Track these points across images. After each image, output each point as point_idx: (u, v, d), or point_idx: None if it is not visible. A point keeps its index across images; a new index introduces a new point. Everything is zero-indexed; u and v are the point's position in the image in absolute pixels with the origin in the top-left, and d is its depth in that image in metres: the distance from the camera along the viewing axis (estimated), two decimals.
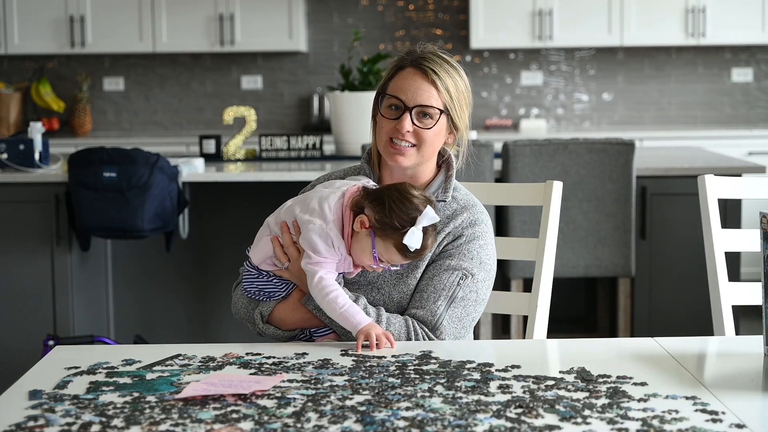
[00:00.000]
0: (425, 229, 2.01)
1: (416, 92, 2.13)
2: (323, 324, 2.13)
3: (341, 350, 1.96)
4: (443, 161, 2.24)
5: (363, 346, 1.97)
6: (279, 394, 1.66)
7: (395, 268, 2.10)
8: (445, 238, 2.17)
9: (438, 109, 2.13)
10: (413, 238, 1.99)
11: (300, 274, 2.10)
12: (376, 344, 1.96)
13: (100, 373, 1.80)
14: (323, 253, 2.03)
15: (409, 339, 2.09)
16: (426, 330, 2.11)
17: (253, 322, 2.19)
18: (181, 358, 1.90)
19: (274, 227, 2.14)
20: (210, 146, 4.82)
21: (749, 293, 2.42)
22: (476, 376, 1.77)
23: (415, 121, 2.13)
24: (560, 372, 1.79)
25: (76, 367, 1.83)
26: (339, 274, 2.10)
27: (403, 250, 2.01)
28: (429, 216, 2.00)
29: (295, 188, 2.25)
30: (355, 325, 2.00)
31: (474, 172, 4.11)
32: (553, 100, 7.11)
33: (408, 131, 2.12)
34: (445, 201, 2.19)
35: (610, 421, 1.52)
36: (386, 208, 2.01)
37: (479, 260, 2.16)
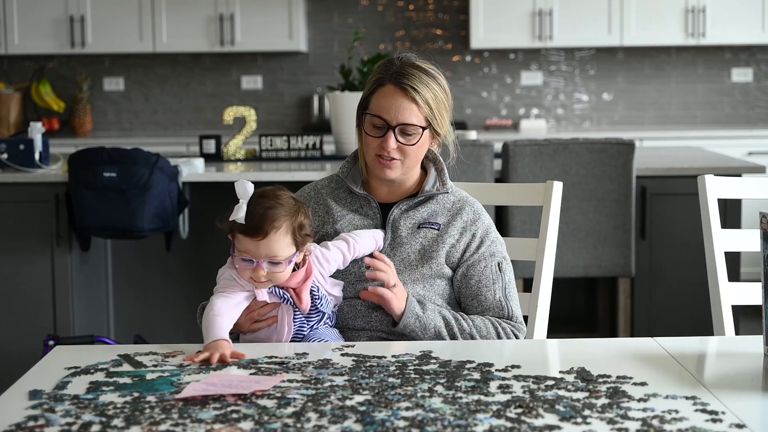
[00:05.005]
0: (252, 203, 2.05)
1: (398, 111, 2.18)
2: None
3: (341, 351, 1.96)
4: (429, 160, 2.31)
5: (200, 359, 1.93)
6: (279, 394, 1.66)
7: (266, 275, 2.06)
8: (460, 233, 2.24)
9: (420, 126, 2.19)
10: (234, 212, 2.05)
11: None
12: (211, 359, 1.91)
13: (100, 372, 1.80)
14: (221, 285, 2.14)
15: (498, 336, 2.19)
16: (505, 321, 2.22)
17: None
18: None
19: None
20: (210, 146, 4.82)
21: (749, 293, 2.42)
22: (476, 376, 1.77)
23: (399, 139, 2.19)
24: (560, 372, 1.79)
25: (76, 367, 1.83)
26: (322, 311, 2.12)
27: (241, 229, 2.05)
28: (239, 187, 2.07)
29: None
30: (209, 336, 1.97)
31: (474, 172, 4.11)
32: (553, 100, 7.11)
33: (393, 148, 2.19)
34: (448, 192, 2.28)
35: (610, 421, 1.52)
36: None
37: (499, 241, 2.29)
